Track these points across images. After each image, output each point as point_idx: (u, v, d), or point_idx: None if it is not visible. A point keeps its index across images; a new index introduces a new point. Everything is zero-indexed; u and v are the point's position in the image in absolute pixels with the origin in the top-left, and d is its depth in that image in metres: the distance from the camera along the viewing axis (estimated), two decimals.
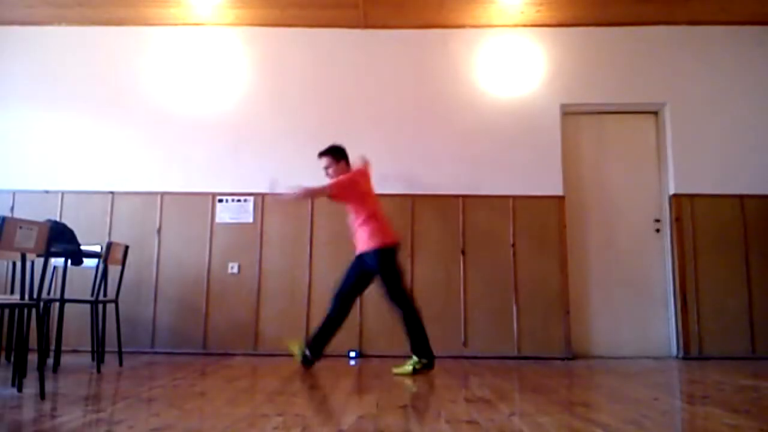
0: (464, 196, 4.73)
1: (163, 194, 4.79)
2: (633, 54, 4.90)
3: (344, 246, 4.67)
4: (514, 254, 4.66)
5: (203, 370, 3.58)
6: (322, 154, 3.89)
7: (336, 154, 3.87)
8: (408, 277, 4.62)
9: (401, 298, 3.60)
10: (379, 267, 3.63)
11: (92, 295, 3.89)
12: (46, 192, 4.80)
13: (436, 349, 4.51)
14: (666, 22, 4.90)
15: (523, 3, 4.64)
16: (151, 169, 4.84)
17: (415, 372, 3.53)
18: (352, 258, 4.64)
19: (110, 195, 4.79)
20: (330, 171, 3.86)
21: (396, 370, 3.56)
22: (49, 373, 3.32)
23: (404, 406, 2.43)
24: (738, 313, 4.56)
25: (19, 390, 2.71)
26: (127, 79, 4.97)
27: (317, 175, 4.92)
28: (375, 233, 3.65)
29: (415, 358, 3.57)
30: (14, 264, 3.98)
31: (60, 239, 3.53)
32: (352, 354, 4.49)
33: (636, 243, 4.81)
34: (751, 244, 4.65)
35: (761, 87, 4.84)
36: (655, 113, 4.98)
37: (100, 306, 4.12)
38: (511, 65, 4.92)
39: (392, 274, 3.62)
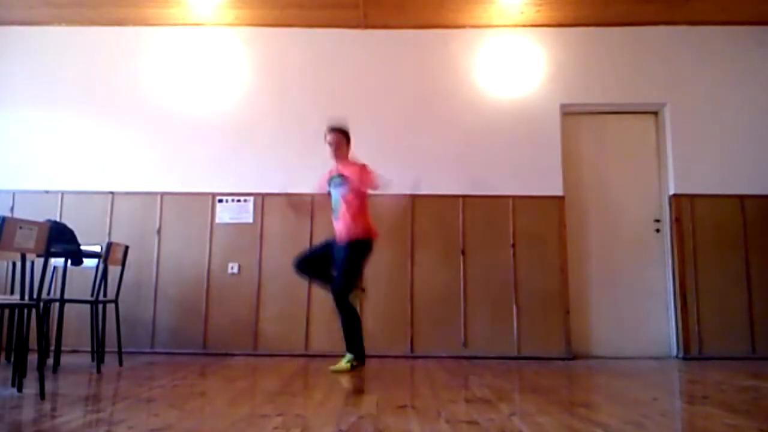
0: (464, 196, 4.73)
1: (163, 194, 4.79)
2: (633, 54, 4.90)
3: None
4: (514, 254, 4.66)
5: (203, 370, 3.58)
6: (336, 130, 3.83)
7: (348, 136, 3.88)
8: (408, 277, 4.63)
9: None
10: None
11: (92, 295, 3.89)
12: (46, 192, 4.80)
13: (437, 349, 4.53)
14: (666, 22, 4.90)
15: (523, 3, 4.64)
16: (151, 169, 4.84)
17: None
18: None
19: (110, 195, 4.79)
20: (336, 150, 3.81)
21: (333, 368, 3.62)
22: (49, 373, 3.32)
23: (404, 406, 2.43)
24: (738, 313, 4.56)
25: (19, 390, 2.71)
26: (127, 79, 4.97)
27: (317, 174, 4.93)
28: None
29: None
30: (14, 264, 3.98)
31: (60, 239, 3.53)
32: None
33: (636, 243, 4.81)
34: (751, 244, 4.65)
35: (761, 87, 4.84)
36: (655, 113, 4.98)
37: (100, 306, 4.12)
38: (511, 65, 4.92)
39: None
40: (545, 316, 4.56)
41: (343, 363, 3.59)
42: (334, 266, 3.71)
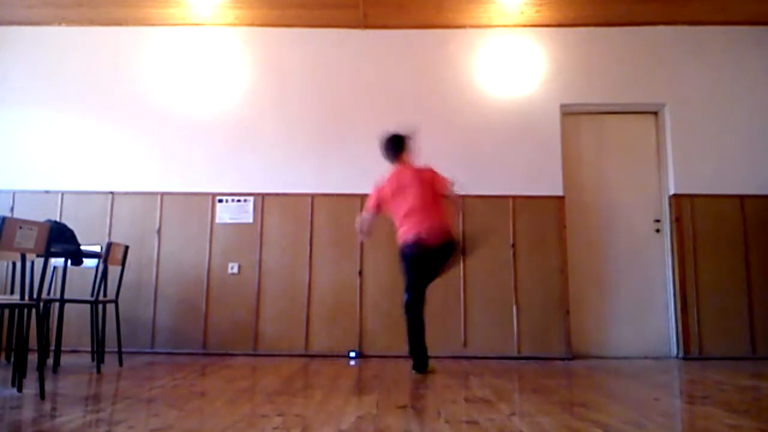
0: (464, 196, 4.73)
1: (163, 194, 4.79)
2: (633, 54, 4.90)
3: (344, 246, 4.67)
4: (514, 254, 4.66)
5: (203, 371, 3.58)
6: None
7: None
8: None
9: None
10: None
11: (92, 295, 3.89)
12: (46, 192, 4.80)
13: (437, 349, 4.53)
14: (666, 22, 4.90)
15: (523, 3, 4.64)
16: (151, 169, 4.84)
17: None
18: (351, 257, 4.66)
19: (110, 195, 4.79)
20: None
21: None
22: (49, 373, 3.32)
23: (404, 406, 2.43)
24: (738, 313, 4.56)
25: (19, 390, 2.71)
26: (127, 79, 4.97)
27: (317, 174, 4.94)
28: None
29: None
30: (14, 264, 3.98)
31: (60, 239, 3.53)
32: (352, 354, 4.49)
33: (636, 243, 4.81)
34: (751, 244, 4.65)
35: (760, 87, 4.85)
36: (655, 113, 4.98)
37: (100, 306, 4.12)
38: (511, 65, 4.92)
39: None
40: (545, 316, 4.56)
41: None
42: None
